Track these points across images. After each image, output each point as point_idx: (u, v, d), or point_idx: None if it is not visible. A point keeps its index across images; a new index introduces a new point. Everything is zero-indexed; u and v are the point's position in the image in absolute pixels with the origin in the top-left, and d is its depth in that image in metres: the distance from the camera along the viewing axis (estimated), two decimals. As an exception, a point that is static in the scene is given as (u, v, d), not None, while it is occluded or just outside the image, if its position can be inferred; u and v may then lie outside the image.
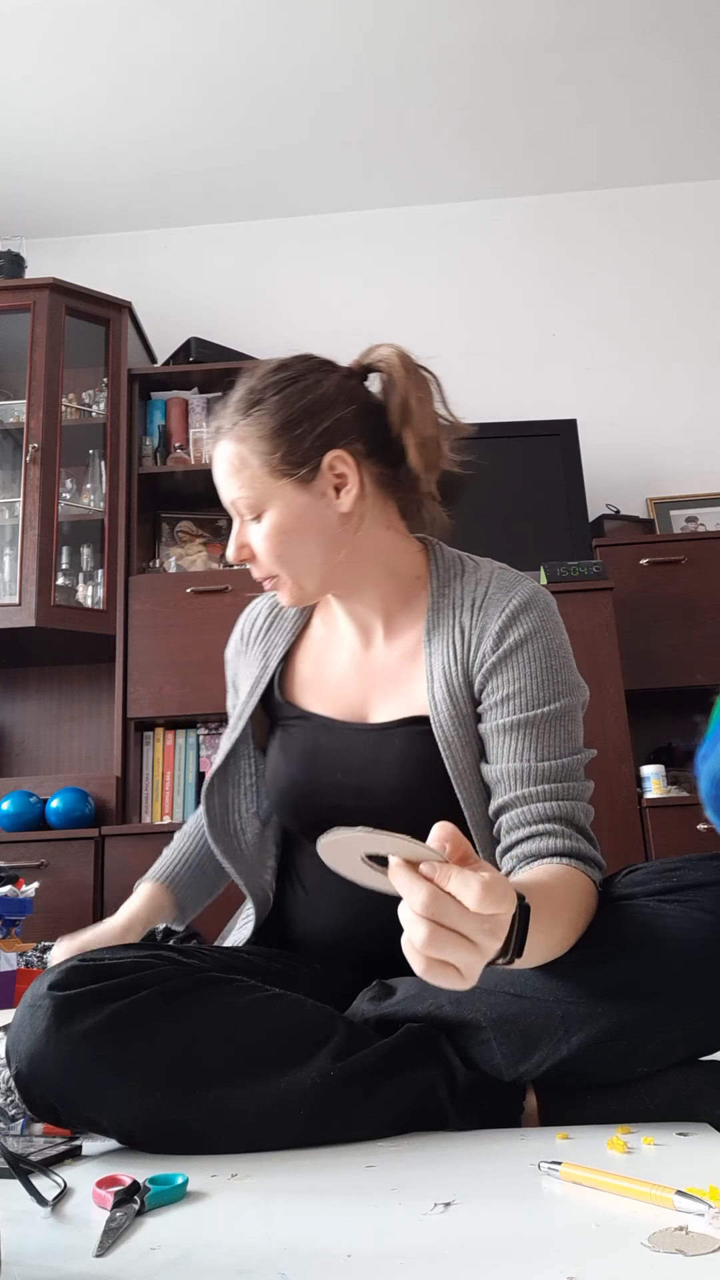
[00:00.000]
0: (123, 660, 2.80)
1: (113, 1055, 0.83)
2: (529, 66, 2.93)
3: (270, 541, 1.06)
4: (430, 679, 1.05)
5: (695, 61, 2.95)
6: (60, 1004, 0.84)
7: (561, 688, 1.01)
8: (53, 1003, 0.84)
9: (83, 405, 3.09)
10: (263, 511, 1.06)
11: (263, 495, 1.05)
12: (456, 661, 1.04)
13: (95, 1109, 0.84)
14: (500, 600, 1.05)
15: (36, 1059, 0.83)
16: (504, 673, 1.02)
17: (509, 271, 3.42)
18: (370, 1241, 0.64)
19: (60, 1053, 0.82)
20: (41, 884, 1.98)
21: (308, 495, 1.05)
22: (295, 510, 1.05)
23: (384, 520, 1.11)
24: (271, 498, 1.05)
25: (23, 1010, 0.85)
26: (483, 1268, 0.59)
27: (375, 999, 0.97)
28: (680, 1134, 0.83)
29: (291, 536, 1.05)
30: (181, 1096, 0.83)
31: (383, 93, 3.01)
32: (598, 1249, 0.60)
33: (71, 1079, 0.83)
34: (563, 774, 0.98)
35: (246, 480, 1.06)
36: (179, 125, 3.09)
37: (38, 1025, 0.83)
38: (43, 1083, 0.84)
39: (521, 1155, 0.79)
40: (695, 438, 3.23)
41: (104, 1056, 0.83)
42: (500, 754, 1.00)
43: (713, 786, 0.73)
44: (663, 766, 2.52)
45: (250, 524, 1.07)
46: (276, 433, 1.05)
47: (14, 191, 3.29)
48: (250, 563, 1.09)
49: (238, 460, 1.07)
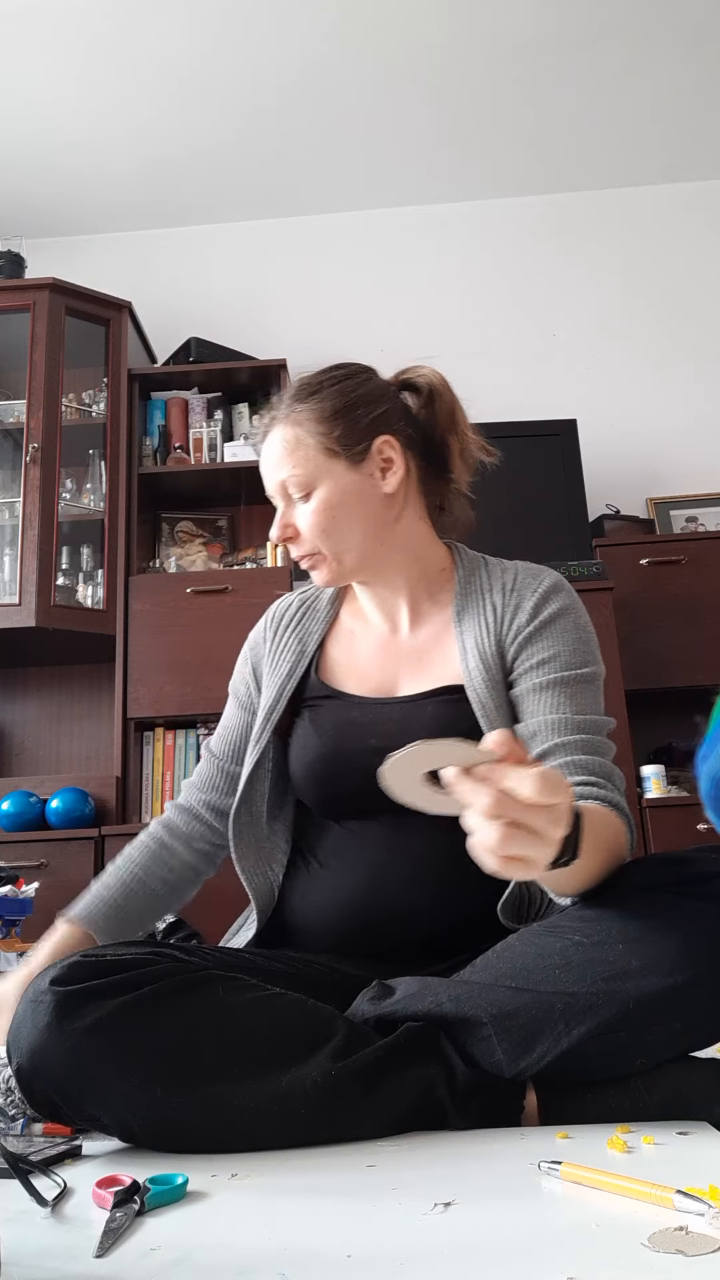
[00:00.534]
0: (123, 660, 2.80)
1: (113, 1050, 0.83)
2: (529, 66, 2.93)
3: (318, 516, 1.13)
4: (463, 651, 1.12)
5: (695, 61, 2.95)
6: (62, 999, 0.84)
7: (591, 657, 1.11)
8: (54, 998, 0.84)
9: (83, 405, 3.09)
10: (312, 490, 1.13)
11: (315, 473, 1.13)
12: (489, 634, 1.12)
13: (96, 1104, 0.84)
14: (532, 582, 1.15)
15: (38, 1053, 0.83)
16: (540, 640, 1.10)
17: (509, 271, 3.42)
18: (370, 1241, 0.64)
19: (61, 1047, 0.82)
20: (41, 884, 1.97)
21: (357, 475, 1.14)
22: (344, 488, 1.13)
23: (418, 512, 1.20)
24: (323, 476, 1.13)
25: (24, 1005, 0.85)
26: (483, 1268, 0.59)
27: (375, 999, 0.97)
28: (680, 1133, 0.83)
29: (339, 512, 1.13)
30: (181, 1093, 0.84)
31: (383, 93, 3.01)
32: (598, 1249, 0.60)
33: (72, 1074, 0.83)
34: (596, 729, 1.05)
35: (300, 460, 1.13)
36: (179, 125, 3.09)
37: (39, 1020, 0.83)
38: (44, 1078, 0.84)
39: (521, 1155, 0.79)
40: (695, 438, 3.23)
41: (105, 1052, 0.83)
42: (537, 709, 1.06)
43: (713, 786, 0.73)
44: (663, 766, 2.52)
45: (297, 504, 1.14)
46: (333, 415, 1.14)
47: (14, 191, 3.29)
48: (293, 542, 1.15)
49: (293, 441, 1.14)
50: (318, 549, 1.14)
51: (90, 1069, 0.83)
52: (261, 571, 2.88)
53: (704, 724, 0.76)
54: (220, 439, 3.08)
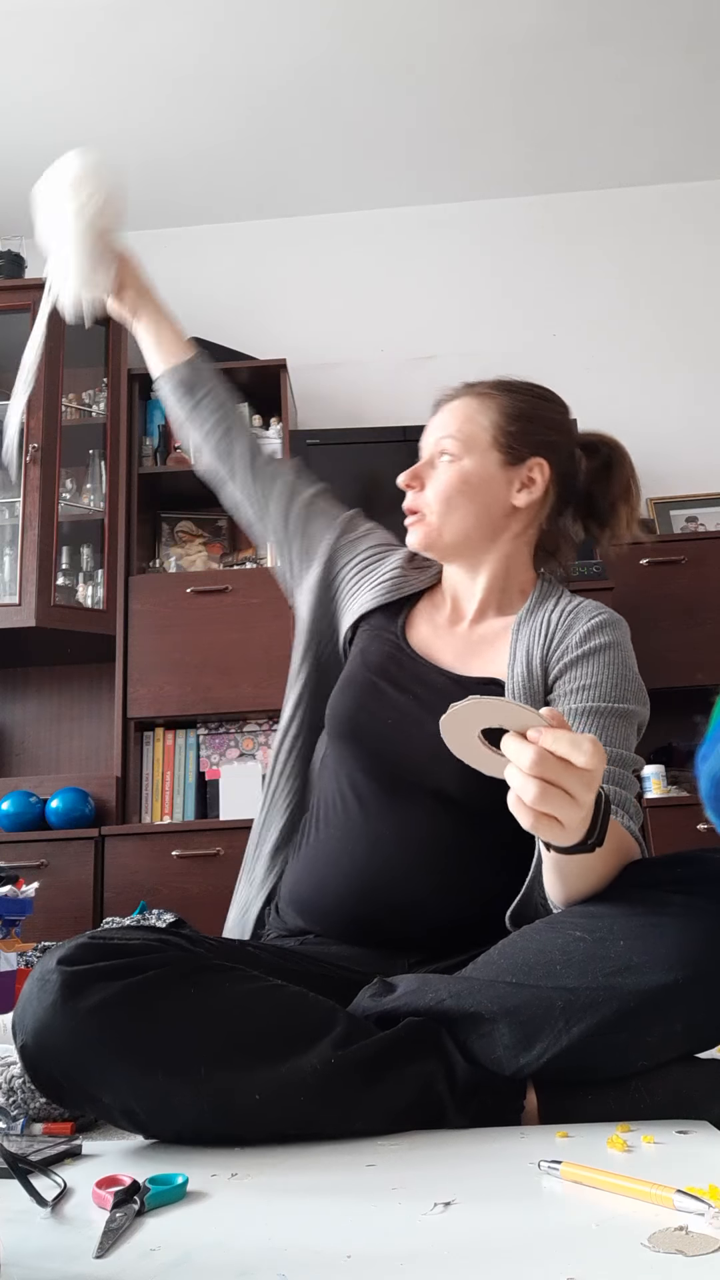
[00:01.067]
0: (123, 660, 2.80)
1: (117, 1032, 0.83)
2: (529, 66, 2.93)
3: (449, 481, 1.19)
4: (513, 655, 1.16)
5: (693, 62, 2.95)
6: (69, 978, 0.84)
7: (631, 695, 1.11)
8: (61, 977, 0.84)
9: (83, 405, 3.09)
10: (460, 458, 1.20)
11: (471, 447, 1.20)
12: (539, 647, 1.15)
13: (98, 1085, 0.84)
14: (590, 611, 1.18)
15: (43, 1032, 0.83)
16: (583, 666, 1.12)
17: (509, 272, 3.42)
18: (370, 1241, 0.64)
19: (66, 1027, 0.83)
20: (41, 884, 1.98)
21: (501, 474, 1.21)
22: (484, 475, 1.20)
23: (528, 538, 1.26)
24: (476, 453, 1.20)
25: (31, 983, 0.86)
26: (483, 1268, 0.59)
27: (376, 995, 0.97)
28: (680, 1132, 0.83)
29: (466, 489, 1.19)
30: (183, 1077, 0.84)
31: (382, 93, 3.01)
32: (598, 1249, 0.60)
33: (76, 1054, 0.83)
34: (622, 763, 1.05)
35: (468, 431, 1.21)
36: (179, 125, 3.09)
37: (45, 998, 0.84)
38: (48, 1056, 0.84)
39: (521, 1155, 0.79)
40: (695, 438, 3.22)
41: (108, 1032, 0.83)
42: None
43: (713, 786, 0.73)
44: (663, 766, 2.52)
45: (438, 465, 1.21)
46: (516, 416, 1.23)
47: (14, 191, 3.28)
48: (412, 489, 1.21)
49: (472, 411, 1.22)
50: (429, 509, 1.20)
51: (94, 1049, 0.83)
52: (261, 571, 2.88)
53: (704, 724, 0.76)
54: (220, 439, 3.07)
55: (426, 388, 1.29)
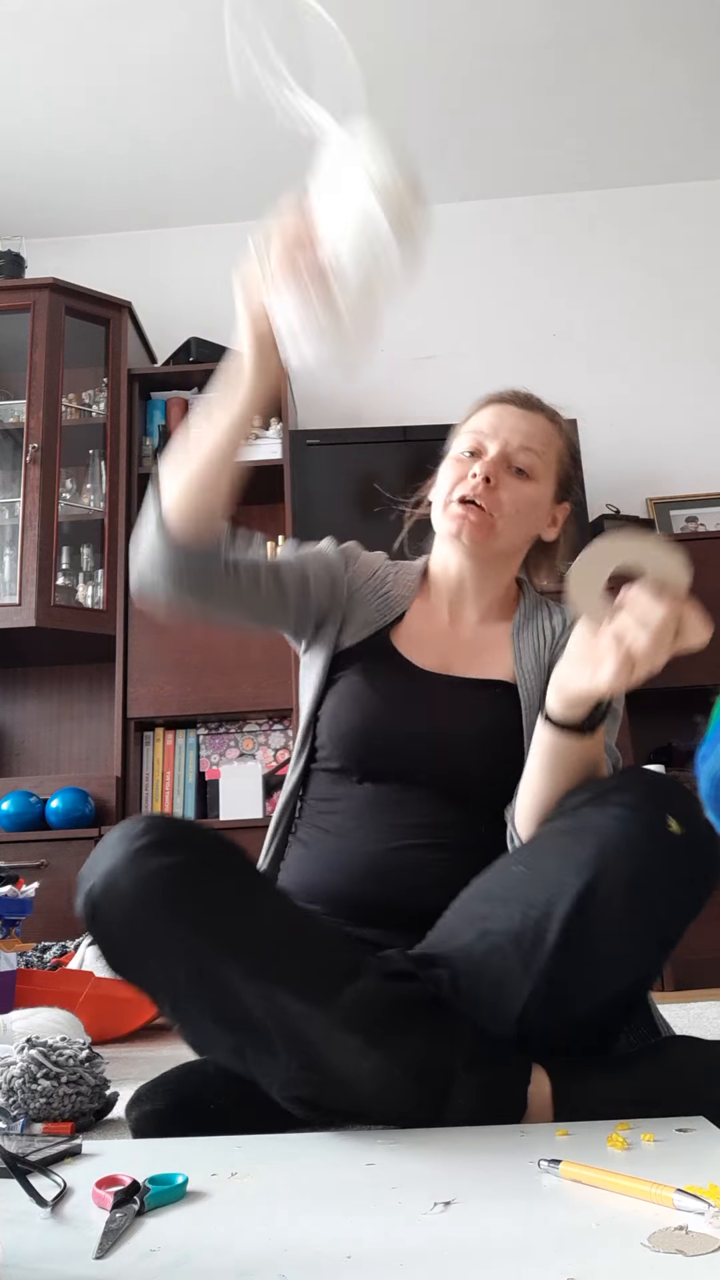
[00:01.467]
0: (123, 660, 2.81)
1: (182, 895, 0.88)
2: (528, 67, 2.93)
3: (527, 497, 1.21)
4: (519, 656, 1.19)
5: (694, 62, 2.95)
6: (151, 837, 0.90)
7: (619, 700, 1.14)
8: (144, 833, 0.90)
9: (83, 405, 3.09)
10: (531, 479, 1.21)
11: (545, 472, 1.23)
12: (545, 646, 1.20)
13: (150, 944, 0.89)
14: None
15: (113, 875, 0.88)
16: None
17: (509, 272, 3.42)
18: (370, 1241, 0.64)
19: (138, 877, 0.88)
20: (41, 884, 1.98)
21: (549, 506, 1.25)
22: (544, 504, 1.24)
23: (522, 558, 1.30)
24: (545, 480, 1.23)
25: (112, 835, 0.92)
26: (483, 1268, 0.59)
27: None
28: (680, 1130, 0.83)
29: (532, 513, 1.22)
30: (226, 951, 0.88)
31: (382, 93, 3.01)
32: (598, 1249, 0.60)
33: (140, 907, 0.88)
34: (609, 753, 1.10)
35: (548, 457, 1.23)
36: (179, 125, 3.10)
37: (123, 848, 0.89)
38: (111, 904, 0.88)
39: (521, 1153, 0.79)
40: (695, 438, 3.23)
41: (173, 893, 0.88)
42: None
43: (713, 787, 0.74)
44: (663, 766, 2.52)
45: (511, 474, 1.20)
46: (573, 459, 1.30)
47: (14, 191, 3.29)
48: (487, 487, 1.18)
49: (550, 436, 1.24)
50: (501, 512, 1.19)
51: (155, 908, 0.88)
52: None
53: (704, 724, 0.76)
54: (220, 439, 3.07)
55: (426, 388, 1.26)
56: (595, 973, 0.90)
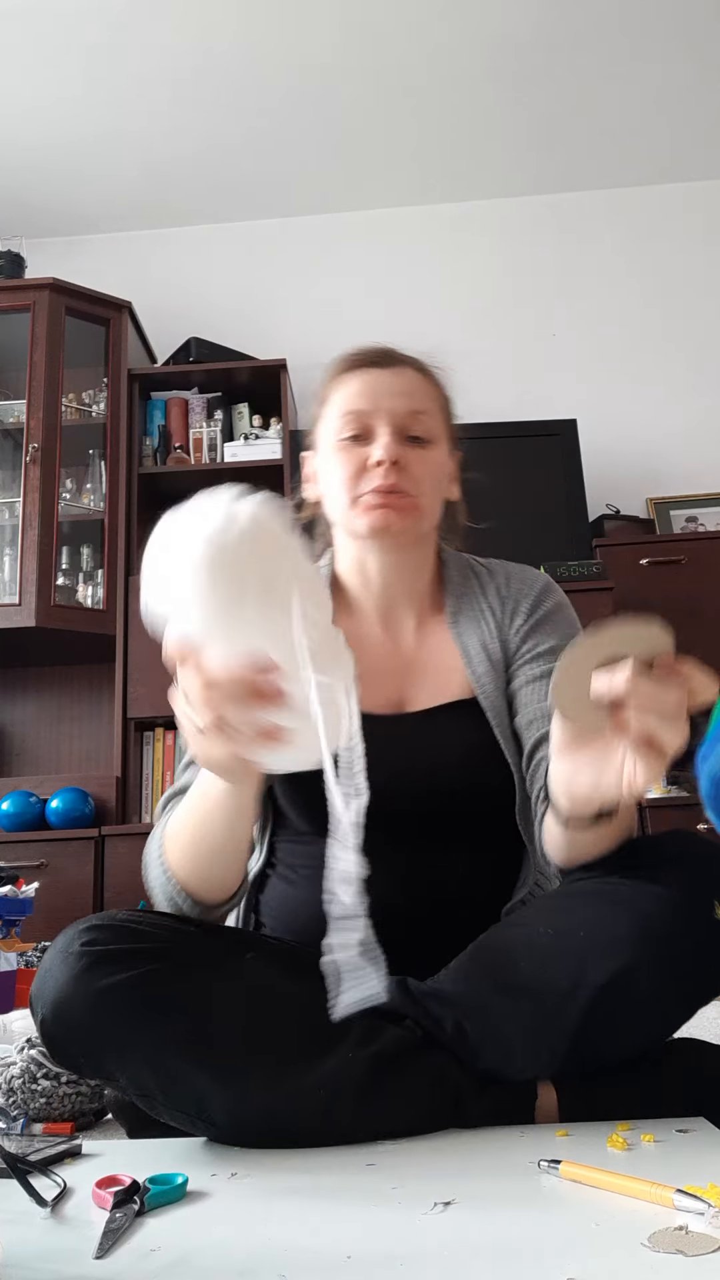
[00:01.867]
0: (123, 660, 2.81)
1: (135, 1011, 0.83)
2: (528, 66, 2.93)
3: (432, 466, 1.08)
4: (468, 658, 1.09)
5: (695, 61, 2.95)
6: (91, 955, 0.84)
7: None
8: (84, 953, 0.84)
9: (83, 405, 3.09)
10: (430, 444, 1.08)
11: (438, 432, 1.09)
12: (493, 636, 1.10)
13: (114, 1062, 0.84)
14: (527, 586, 1.13)
15: (63, 1004, 0.83)
16: (539, 633, 1.09)
17: (509, 271, 3.42)
18: (370, 1241, 0.64)
19: (86, 1002, 0.83)
20: (41, 884, 1.98)
21: (449, 465, 1.13)
22: (444, 465, 1.11)
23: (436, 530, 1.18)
24: (440, 441, 1.10)
25: (54, 956, 0.86)
26: (483, 1268, 0.58)
27: None
28: (680, 1131, 0.83)
29: (439, 478, 1.10)
30: (197, 1061, 0.83)
31: (382, 93, 3.01)
32: (598, 1249, 0.60)
33: (94, 1029, 0.83)
34: None
35: (432, 411, 1.09)
36: (179, 125, 3.09)
37: (67, 972, 0.84)
38: (66, 1030, 0.84)
39: (521, 1154, 0.79)
40: (695, 438, 3.23)
41: (126, 1011, 0.83)
42: (534, 698, 1.04)
43: (713, 786, 0.73)
44: (663, 766, 2.52)
45: (411, 446, 1.07)
46: (449, 405, 1.14)
47: (14, 191, 3.29)
48: (396, 470, 1.05)
49: (430, 390, 1.11)
50: (419, 490, 1.06)
51: (111, 1026, 0.83)
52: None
53: (704, 724, 0.76)
54: (220, 439, 3.08)
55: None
56: (613, 1044, 0.87)
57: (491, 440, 2.80)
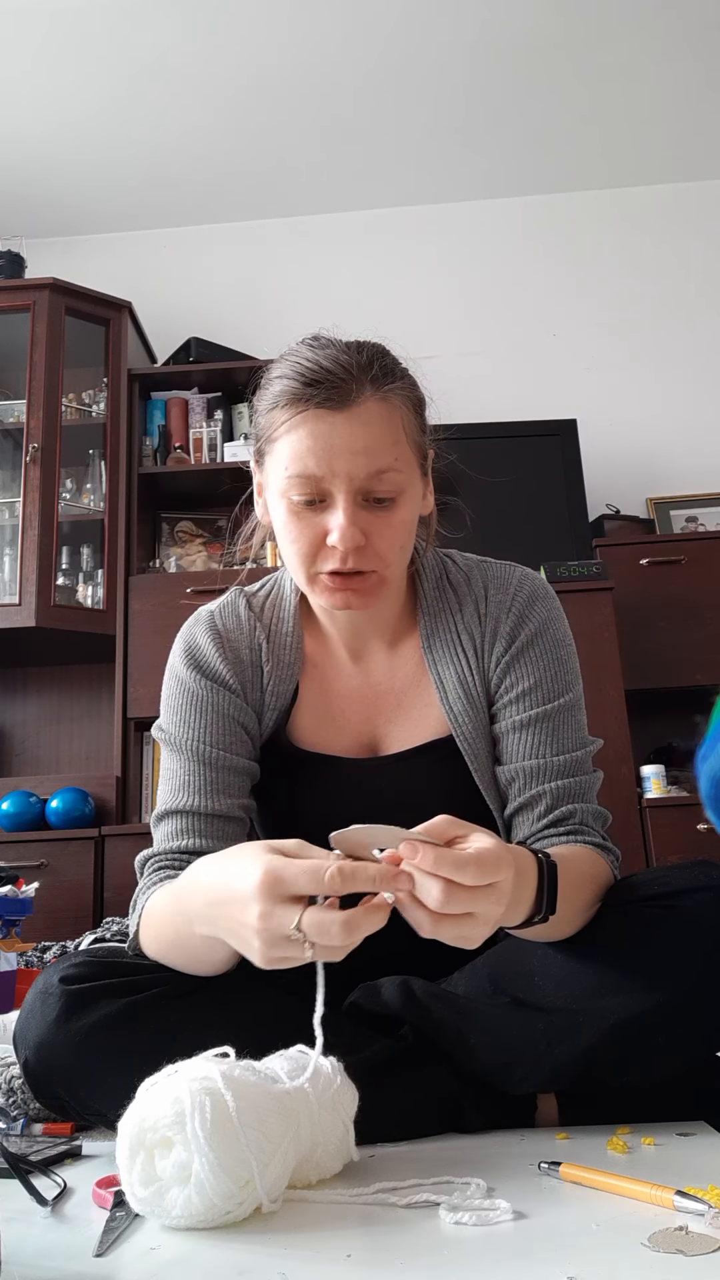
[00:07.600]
0: (123, 660, 2.80)
1: (118, 1049, 0.82)
2: (529, 66, 2.93)
3: (399, 530, 0.92)
4: (443, 692, 1.00)
5: (696, 61, 2.95)
6: (70, 995, 0.84)
7: (571, 677, 1.01)
8: (63, 994, 0.84)
9: (83, 405, 3.09)
10: (399, 496, 0.91)
11: (410, 474, 0.92)
12: (471, 669, 1.00)
13: (100, 1099, 0.84)
14: (505, 599, 1.02)
15: (45, 1048, 0.83)
16: (520, 667, 1.00)
17: (509, 271, 3.42)
18: (370, 1241, 0.64)
19: (68, 1043, 0.82)
20: (41, 884, 1.97)
21: (421, 486, 0.97)
22: (416, 500, 0.95)
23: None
24: (413, 482, 0.93)
25: (33, 999, 0.85)
26: (483, 1268, 0.59)
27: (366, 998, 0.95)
28: (680, 1134, 0.83)
29: (407, 538, 0.95)
30: None
31: (383, 93, 3.01)
32: (598, 1249, 0.60)
33: (78, 1069, 0.83)
34: (577, 767, 0.98)
35: (402, 452, 0.91)
36: (179, 126, 3.09)
37: (47, 1015, 0.83)
38: (50, 1072, 0.84)
39: (521, 1155, 0.79)
40: (695, 438, 3.23)
41: (110, 1050, 0.82)
42: (516, 752, 0.98)
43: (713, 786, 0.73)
44: (663, 766, 2.52)
45: (373, 509, 0.91)
46: (419, 405, 0.96)
47: (14, 191, 3.29)
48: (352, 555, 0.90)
49: (396, 426, 0.91)
50: (383, 564, 0.92)
51: (95, 1065, 0.82)
52: (262, 571, 2.87)
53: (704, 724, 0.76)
54: (220, 439, 3.08)
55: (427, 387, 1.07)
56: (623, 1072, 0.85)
57: (491, 440, 2.81)
